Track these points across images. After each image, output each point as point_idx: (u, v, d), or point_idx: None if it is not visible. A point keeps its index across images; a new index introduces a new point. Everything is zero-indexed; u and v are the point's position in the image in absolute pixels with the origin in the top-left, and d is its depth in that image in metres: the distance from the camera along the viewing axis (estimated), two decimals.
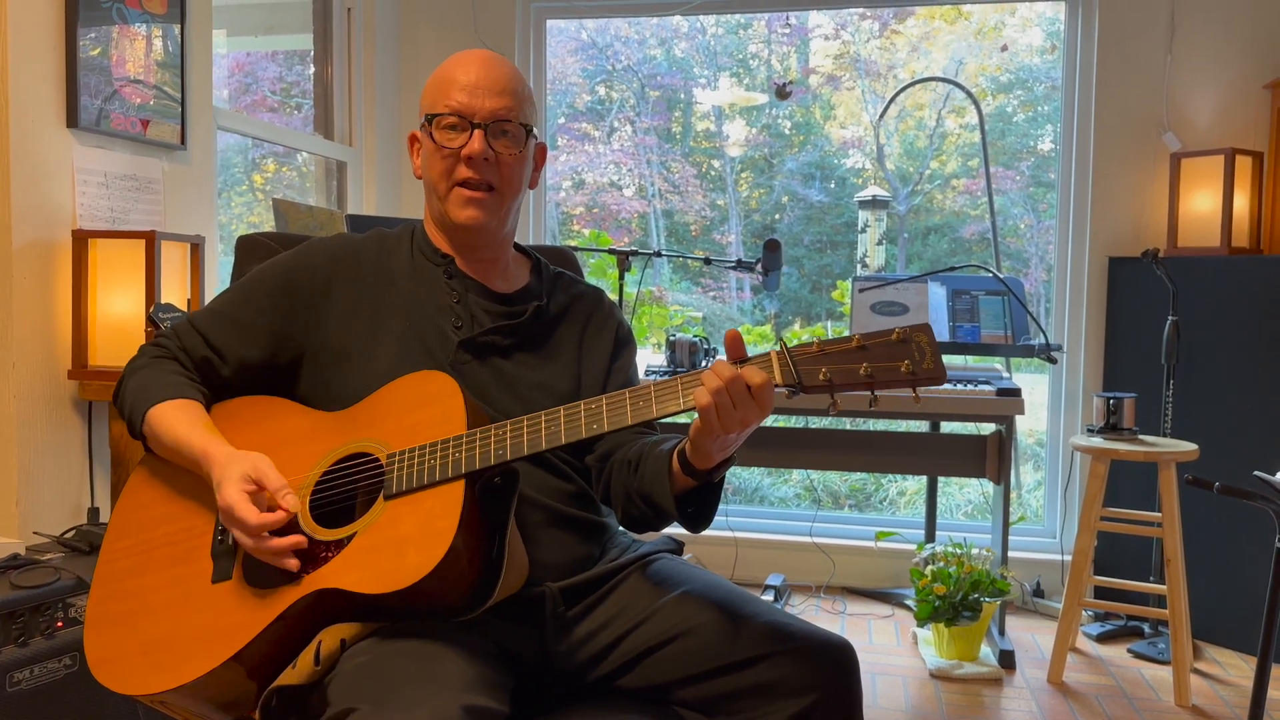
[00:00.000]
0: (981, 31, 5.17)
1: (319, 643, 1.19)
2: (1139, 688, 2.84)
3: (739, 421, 1.16)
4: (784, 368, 1.17)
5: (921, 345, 1.14)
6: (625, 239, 5.52)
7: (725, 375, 1.15)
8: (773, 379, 1.16)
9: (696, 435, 1.21)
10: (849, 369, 1.14)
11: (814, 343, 1.17)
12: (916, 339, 1.14)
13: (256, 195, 3.97)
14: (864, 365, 1.14)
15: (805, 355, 1.16)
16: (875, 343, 1.15)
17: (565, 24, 4.69)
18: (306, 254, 1.47)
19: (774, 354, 1.18)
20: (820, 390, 1.16)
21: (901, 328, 1.15)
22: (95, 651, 1.25)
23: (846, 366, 1.15)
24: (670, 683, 1.30)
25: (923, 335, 1.14)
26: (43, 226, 2.29)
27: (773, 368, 1.17)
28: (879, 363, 1.14)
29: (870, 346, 1.15)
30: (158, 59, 2.62)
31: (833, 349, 1.16)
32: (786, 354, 1.17)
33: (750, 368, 1.16)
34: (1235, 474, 2.34)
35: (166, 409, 1.34)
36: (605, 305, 1.59)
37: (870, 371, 1.14)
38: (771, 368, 1.17)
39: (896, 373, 1.13)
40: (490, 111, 1.40)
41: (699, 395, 1.16)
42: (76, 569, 1.93)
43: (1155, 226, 3.46)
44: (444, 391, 1.29)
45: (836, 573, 3.71)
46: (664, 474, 1.29)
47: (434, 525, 1.17)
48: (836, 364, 1.15)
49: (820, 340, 1.17)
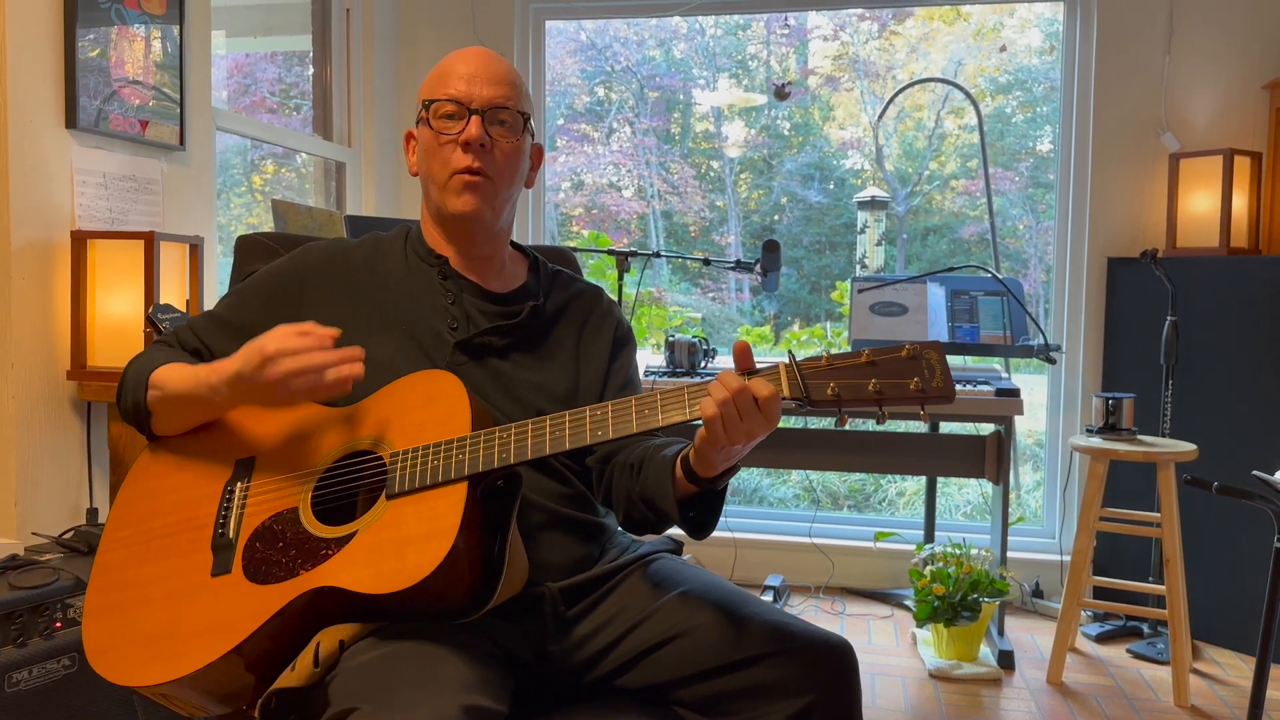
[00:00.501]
0: (980, 32, 5.18)
1: (318, 644, 1.19)
2: (1138, 688, 2.84)
3: (745, 433, 1.15)
4: (792, 381, 1.15)
5: (932, 363, 1.12)
6: (624, 240, 5.52)
7: (732, 387, 1.13)
8: (780, 392, 1.15)
9: (701, 445, 1.20)
10: (857, 384, 1.13)
11: (823, 356, 1.15)
12: (927, 356, 1.13)
13: (255, 196, 3.97)
14: (873, 382, 1.13)
15: (814, 369, 1.15)
16: (885, 359, 1.13)
17: (564, 25, 4.69)
18: (300, 259, 1.48)
19: (782, 366, 1.16)
20: (828, 405, 1.15)
21: (912, 344, 1.13)
22: (93, 641, 1.25)
23: (855, 382, 1.13)
24: (669, 682, 1.30)
25: (933, 353, 1.13)
26: (41, 227, 2.28)
27: (780, 381, 1.16)
28: (888, 379, 1.13)
29: (879, 362, 1.13)
30: (157, 60, 2.62)
31: (842, 363, 1.14)
32: (795, 367, 1.15)
33: (758, 380, 1.15)
34: (1234, 474, 2.34)
35: (169, 369, 1.36)
36: (604, 303, 1.58)
37: (879, 388, 1.12)
38: (779, 381, 1.16)
39: (905, 390, 1.12)
40: (487, 99, 1.40)
41: (705, 406, 1.15)
42: (75, 569, 1.93)
43: (1154, 227, 3.47)
44: (449, 390, 1.29)
45: (835, 573, 3.71)
46: (667, 480, 1.29)
47: (436, 526, 1.17)
48: (845, 379, 1.14)
49: (829, 354, 1.15)
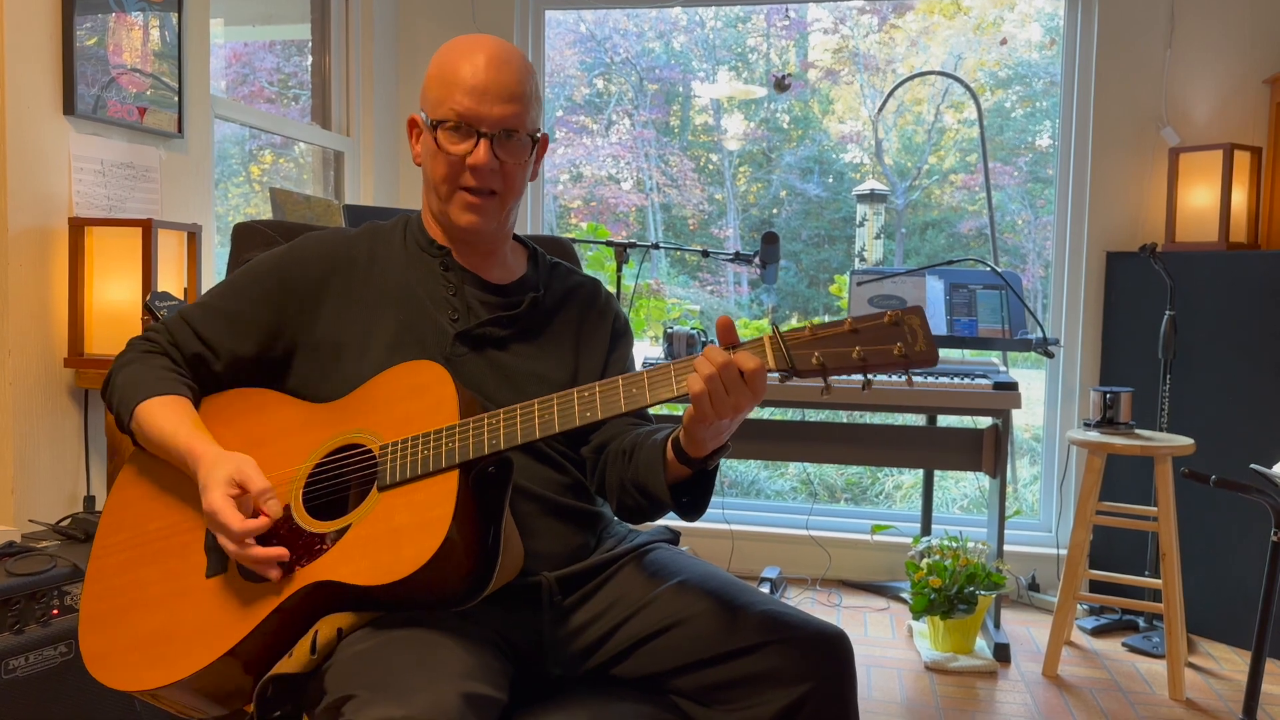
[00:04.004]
0: (980, 26, 5.17)
1: (315, 632, 1.19)
2: (1133, 681, 2.85)
3: (732, 407, 1.15)
4: (776, 352, 1.16)
5: (914, 327, 1.13)
6: (623, 232, 5.51)
7: (718, 361, 1.14)
8: (766, 363, 1.16)
9: (690, 423, 1.21)
10: (841, 352, 1.14)
11: (806, 327, 1.16)
12: (908, 321, 1.14)
13: (254, 186, 3.96)
14: (856, 349, 1.14)
15: (797, 340, 1.16)
16: (867, 326, 1.15)
17: (564, 16, 4.68)
18: (299, 248, 1.46)
19: (766, 339, 1.17)
20: (813, 374, 1.16)
21: (893, 310, 1.14)
22: (91, 648, 1.25)
23: (839, 350, 1.14)
24: (666, 671, 1.30)
25: (914, 318, 1.14)
26: (39, 214, 2.28)
27: (765, 352, 1.17)
28: (871, 345, 1.14)
29: (862, 330, 1.14)
30: (155, 48, 2.61)
31: (825, 333, 1.16)
32: (779, 338, 1.16)
33: (743, 352, 1.16)
34: (1231, 468, 2.34)
35: (154, 406, 1.32)
36: (603, 296, 1.58)
37: (863, 355, 1.13)
38: (764, 352, 1.17)
39: (889, 355, 1.13)
40: (498, 120, 1.36)
41: (692, 381, 1.15)
42: (72, 556, 1.93)
43: (1153, 221, 3.47)
44: (435, 381, 1.28)
45: (832, 565, 3.71)
46: (658, 463, 1.29)
47: (429, 516, 1.17)
48: (829, 348, 1.15)
49: (812, 325, 1.17)
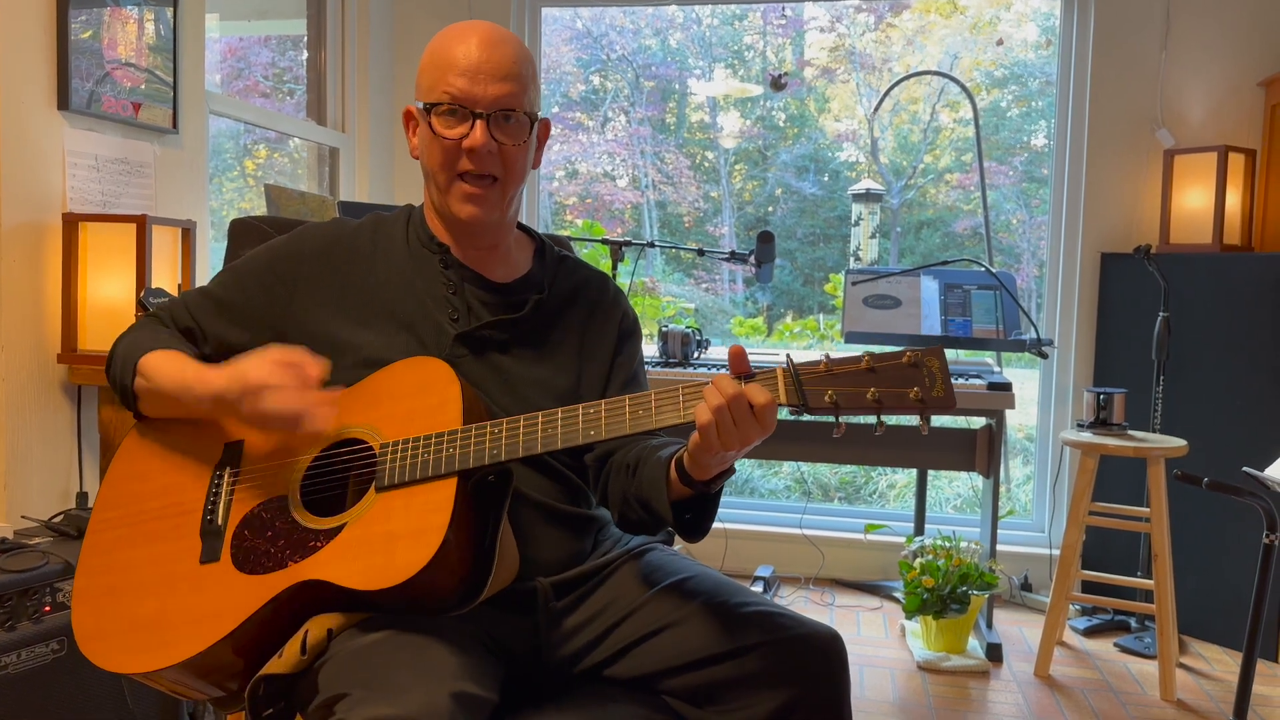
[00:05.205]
0: (977, 26, 5.18)
1: (305, 632, 1.18)
2: (1125, 682, 2.86)
3: (739, 440, 1.11)
4: (789, 387, 1.12)
5: (933, 371, 1.10)
6: (618, 230, 5.51)
7: (728, 392, 1.10)
8: (777, 398, 1.11)
9: (695, 449, 1.17)
10: (856, 392, 1.10)
11: (821, 361, 1.12)
12: (928, 364, 1.10)
13: (248, 181, 3.95)
14: (871, 390, 1.10)
15: (812, 375, 1.12)
16: (885, 365, 1.10)
17: (560, 13, 4.67)
18: (297, 240, 1.45)
19: (780, 371, 1.13)
20: (826, 412, 1.11)
21: (913, 350, 1.11)
22: (83, 626, 1.24)
23: (854, 390, 1.10)
24: (659, 672, 1.29)
25: (934, 360, 1.10)
26: (33, 209, 2.27)
27: (778, 387, 1.12)
28: (887, 387, 1.10)
29: (879, 369, 1.10)
30: (150, 42, 2.60)
31: (840, 369, 1.11)
32: (793, 372, 1.12)
33: (754, 386, 1.11)
34: (1224, 470, 2.35)
35: (157, 356, 1.33)
36: (610, 293, 1.52)
37: (878, 396, 1.10)
38: (776, 387, 1.12)
39: (905, 399, 1.09)
40: (493, 99, 1.31)
41: (700, 411, 1.11)
42: (64, 553, 1.92)
43: (1148, 223, 3.47)
44: (440, 379, 1.27)
45: (825, 565, 3.72)
46: (661, 482, 1.26)
47: (425, 522, 1.16)
48: (843, 386, 1.10)
49: (828, 359, 1.12)
